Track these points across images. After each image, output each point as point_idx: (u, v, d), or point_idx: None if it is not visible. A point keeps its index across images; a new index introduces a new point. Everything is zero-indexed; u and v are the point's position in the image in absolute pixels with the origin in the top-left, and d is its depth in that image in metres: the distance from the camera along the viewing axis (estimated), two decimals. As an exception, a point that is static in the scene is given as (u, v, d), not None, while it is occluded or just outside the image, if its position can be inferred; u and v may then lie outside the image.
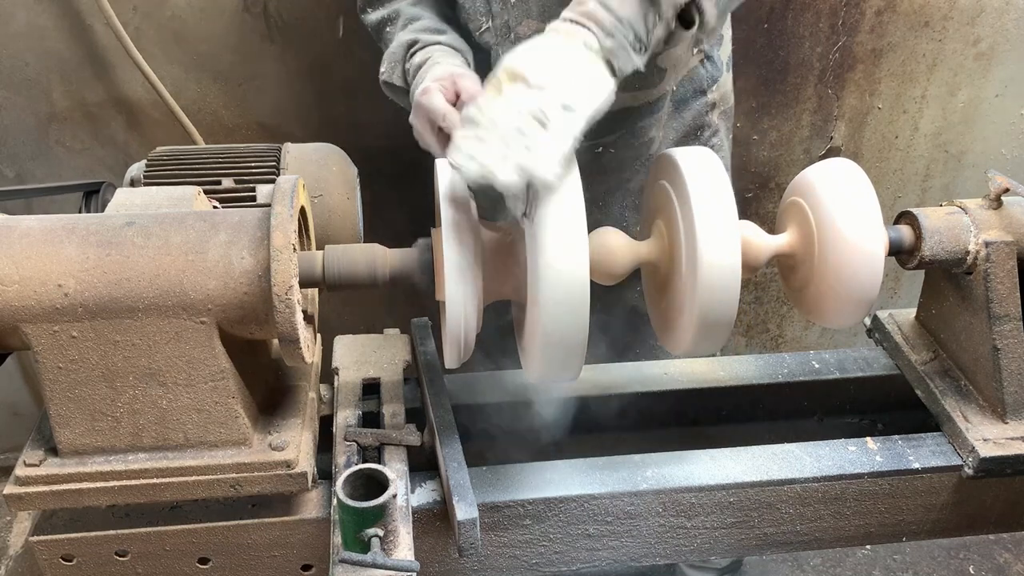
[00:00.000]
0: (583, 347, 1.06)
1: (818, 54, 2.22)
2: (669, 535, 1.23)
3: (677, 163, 1.12)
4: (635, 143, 1.59)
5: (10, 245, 1.02)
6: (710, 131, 1.67)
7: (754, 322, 2.67)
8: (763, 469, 1.21)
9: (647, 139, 1.60)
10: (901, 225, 1.23)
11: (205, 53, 2.04)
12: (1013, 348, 1.22)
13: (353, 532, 0.99)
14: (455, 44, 1.47)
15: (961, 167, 2.47)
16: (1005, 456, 1.20)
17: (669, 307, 1.18)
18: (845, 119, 2.34)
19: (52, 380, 1.04)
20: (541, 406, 1.35)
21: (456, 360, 1.12)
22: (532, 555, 1.22)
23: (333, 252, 1.12)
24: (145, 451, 1.08)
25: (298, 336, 1.02)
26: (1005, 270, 1.20)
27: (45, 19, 1.95)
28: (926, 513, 1.28)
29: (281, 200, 1.04)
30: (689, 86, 1.60)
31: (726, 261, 1.06)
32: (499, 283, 1.11)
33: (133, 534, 1.12)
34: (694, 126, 1.64)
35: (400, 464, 1.17)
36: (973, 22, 2.23)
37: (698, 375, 1.42)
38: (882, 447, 1.25)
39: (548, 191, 0.99)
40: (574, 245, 1.01)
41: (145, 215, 1.08)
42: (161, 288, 1.01)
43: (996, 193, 1.22)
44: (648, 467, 1.21)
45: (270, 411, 1.16)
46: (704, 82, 1.62)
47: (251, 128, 2.14)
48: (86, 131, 2.11)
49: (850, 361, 1.45)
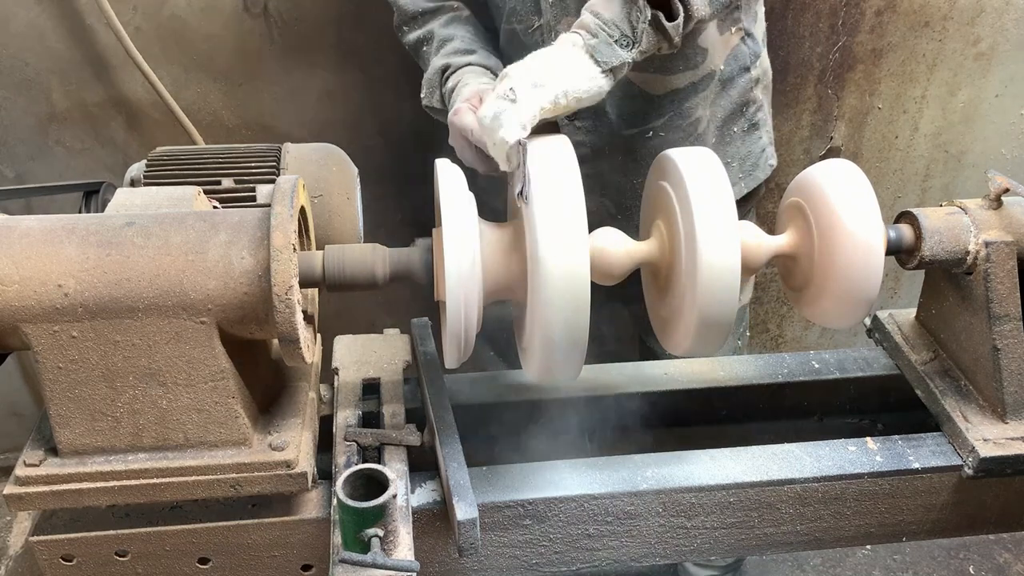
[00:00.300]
0: (583, 347, 1.06)
1: (818, 54, 2.22)
2: (669, 535, 1.23)
3: (677, 163, 1.12)
4: (683, 124, 1.62)
5: (10, 245, 1.02)
6: (755, 106, 1.71)
7: (754, 322, 2.67)
8: (763, 469, 1.21)
9: (694, 119, 1.63)
10: (901, 225, 1.23)
11: (205, 53, 2.04)
12: (1013, 348, 1.22)
13: (353, 532, 0.99)
14: (484, 62, 1.55)
15: (961, 167, 2.47)
16: (1005, 456, 1.20)
17: (669, 307, 1.18)
18: (845, 119, 2.34)
19: (52, 380, 1.04)
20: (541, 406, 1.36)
21: (456, 360, 1.12)
22: (532, 555, 1.22)
23: (333, 252, 1.12)
24: (145, 451, 1.08)
25: (298, 336, 1.02)
26: (1005, 270, 1.20)
27: (45, 19, 1.95)
28: (926, 513, 1.28)
29: (281, 200, 1.04)
30: (735, 64, 1.63)
31: (726, 261, 1.06)
32: (499, 283, 1.11)
33: (133, 534, 1.12)
34: (740, 102, 1.67)
35: (400, 464, 1.17)
36: (973, 22, 2.23)
37: (698, 375, 1.42)
38: (882, 447, 1.25)
39: (506, 148, 1.09)
40: (574, 245, 1.01)
41: (145, 215, 1.08)
42: (161, 288, 1.01)
43: (996, 193, 1.22)
44: (648, 467, 1.21)
45: (270, 411, 1.16)
46: (747, 59, 1.65)
47: (251, 128, 2.14)
48: (86, 131, 2.11)
49: (850, 361, 1.45)
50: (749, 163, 1.72)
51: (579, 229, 1.02)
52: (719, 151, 1.63)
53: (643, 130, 1.62)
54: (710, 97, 1.63)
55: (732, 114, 1.68)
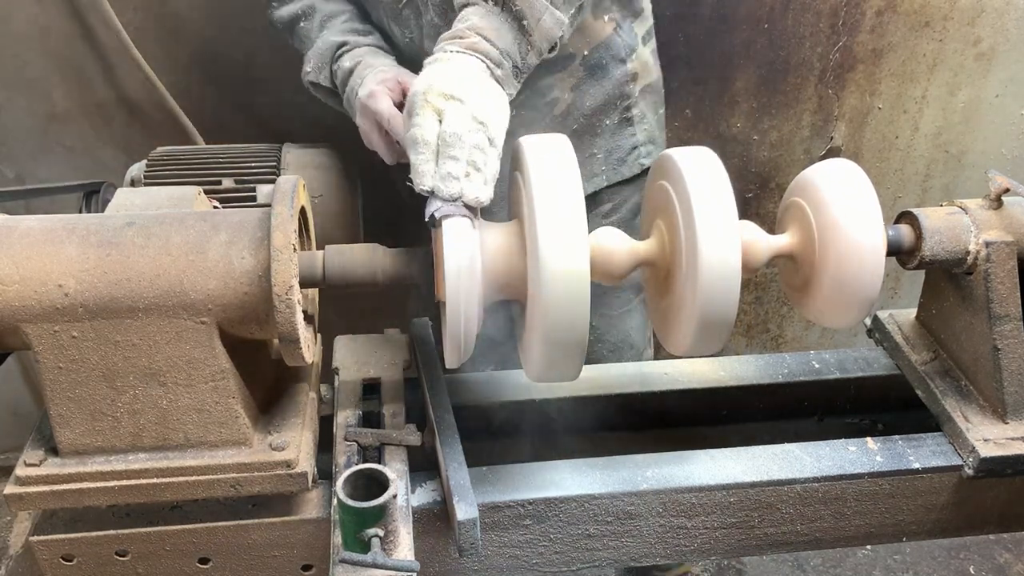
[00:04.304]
0: (583, 347, 1.06)
1: (818, 54, 2.22)
2: (669, 535, 1.23)
3: (677, 163, 1.12)
4: (539, 103, 1.62)
5: (10, 245, 1.02)
6: (630, 102, 1.69)
7: (754, 322, 2.67)
8: (763, 469, 1.21)
9: (551, 99, 1.62)
10: (901, 225, 1.23)
11: (205, 53, 2.04)
12: (1013, 348, 1.22)
13: (353, 532, 0.99)
14: (381, 45, 1.53)
15: (961, 167, 2.47)
16: (1005, 456, 1.20)
17: (669, 307, 1.18)
18: (845, 119, 2.34)
19: (52, 380, 1.04)
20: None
21: (456, 360, 1.12)
22: (532, 555, 1.22)
23: (333, 252, 1.12)
24: (145, 451, 1.08)
25: (298, 336, 1.03)
26: (1005, 270, 1.20)
27: (45, 19, 1.95)
28: (926, 513, 1.28)
29: (281, 200, 1.04)
30: (605, 52, 1.63)
31: (726, 261, 1.06)
32: (499, 283, 1.11)
33: (133, 534, 1.12)
34: (614, 95, 1.67)
35: (400, 464, 1.17)
36: (973, 22, 2.23)
37: (698, 375, 1.42)
38: (882, 447, 1.25)
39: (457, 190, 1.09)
40: (574, 245, 1.01)
41: (145, 215, 1.08)
42: (161, 288, 1.01)
43: (996, 193, 1.22)
44: (648, 467, 1.21)
45: (270, 411, 1.16)
46: (621, 50, 1.65)
47: (251, 128, 2.14)
48: (86, 131, 2.11)
49: (850, 361, 1.45)
50: (615, 157, 1.71)
51: (579, 229, 1.02)
52: (585, 140, 1.65)
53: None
54: (570, 81, 1.62)
55: (604, 105, 1.67)
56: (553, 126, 1.61)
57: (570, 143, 1.10)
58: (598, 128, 1.68)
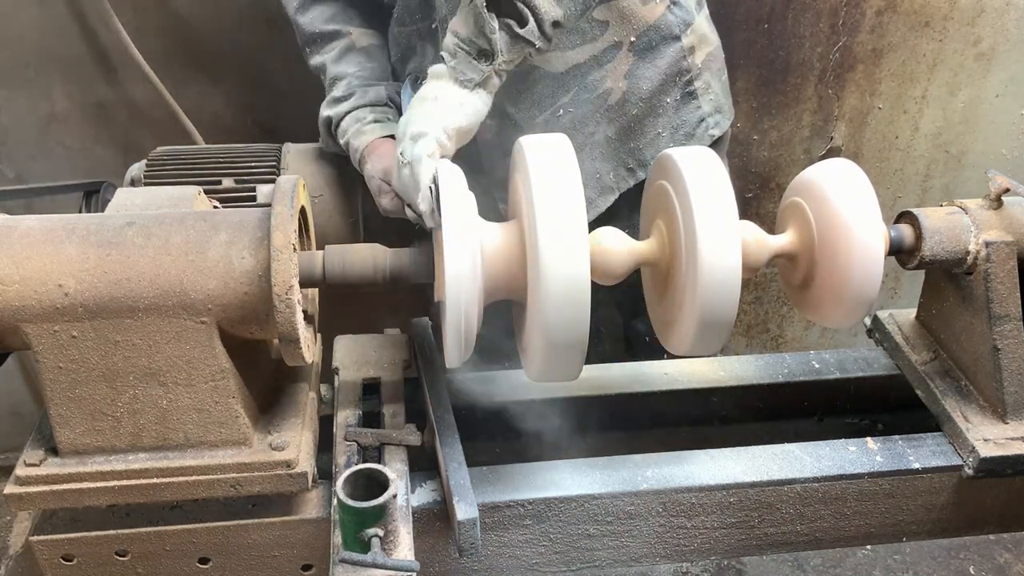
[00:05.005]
0: (583, 346, 1.06)
1: (818, 54, 2.22)
2: (669, 535, 1.23)
3: (677, 163, 1.12)
4: (591, 97, 1.61)
5: (10, 245, 1.02)
6: (691, 75, 1.68)
7: (754, 322, 2.67)
8: (763, 469, 1.21)
9: (603, 91, 1.62)
10: (901, 225, 1.23)
11: (205, 53, 2.04)
12: (1013, 348, 1.22)
13: (353, 532, 0.99)
14: (361, 102, 1.59)
15: (961, 167, 2.47)
16: (1005, 456, 1.20)
17: (669, 307, 1.18)
18: (845, 119, 2.34)
19: (52, 380, 1.04)
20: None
21: (456, 360, 1.12)
22: (532, 555, 1.22)
23: (333, 252, 1.12)
24: (145, 451, 1.08)
25: (298, 336, 1.03)
26: (1005, 270, 1.20)
27: (46, 19, 1.95)
28: (926, 513, 1.28)
29: (281, 200, 1.04)
30: (655, 35, 1.61)
31: (726, 261, 1.06)
32: (499, 283, 1.11)
33: (133, 534, 1.12)
34: (671, 73, 1.65)
35: (400, 464, 1.17)
36: (973, 22, 2.23)
37: (698, 375, 1.42)
38: (882, 447, 1.25)
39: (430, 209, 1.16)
40: (574, 245, 1.01)
41: (145, 215, 1.08)
42: (161, 288, 1.01)
43: (996, 193, 1.22)
44: (648, 467, 1.21)
45: (270, 411, 1.16)
46: (675, 28, 1.63)
47: (251, 128, 2.14)
48: (86, 131, 2.11)
49: (850, 361, 1.45)
50: (682, 132, 1.69)
51: (579, 229, 1.02)
52: (647, 123, 1.64)
53: (552, 111, 1.61)
54: (621, 69, 1.61)
55: (663, 85, 1.65)
56: (610, 116, 1.61)
57: (570, 143, 1.10)
58: (659, 108, 1.66)
